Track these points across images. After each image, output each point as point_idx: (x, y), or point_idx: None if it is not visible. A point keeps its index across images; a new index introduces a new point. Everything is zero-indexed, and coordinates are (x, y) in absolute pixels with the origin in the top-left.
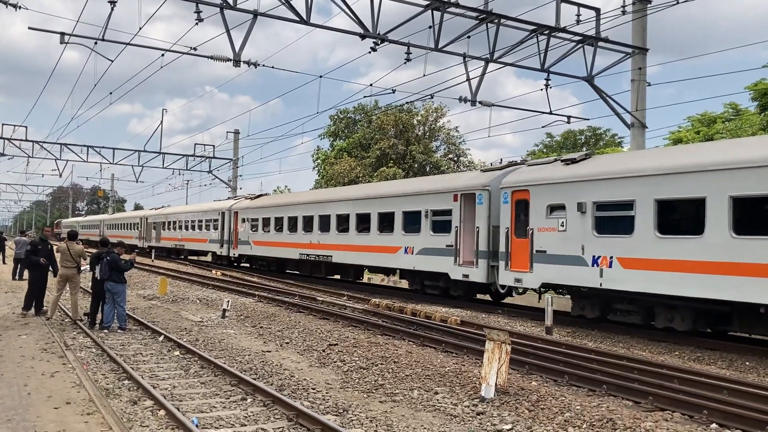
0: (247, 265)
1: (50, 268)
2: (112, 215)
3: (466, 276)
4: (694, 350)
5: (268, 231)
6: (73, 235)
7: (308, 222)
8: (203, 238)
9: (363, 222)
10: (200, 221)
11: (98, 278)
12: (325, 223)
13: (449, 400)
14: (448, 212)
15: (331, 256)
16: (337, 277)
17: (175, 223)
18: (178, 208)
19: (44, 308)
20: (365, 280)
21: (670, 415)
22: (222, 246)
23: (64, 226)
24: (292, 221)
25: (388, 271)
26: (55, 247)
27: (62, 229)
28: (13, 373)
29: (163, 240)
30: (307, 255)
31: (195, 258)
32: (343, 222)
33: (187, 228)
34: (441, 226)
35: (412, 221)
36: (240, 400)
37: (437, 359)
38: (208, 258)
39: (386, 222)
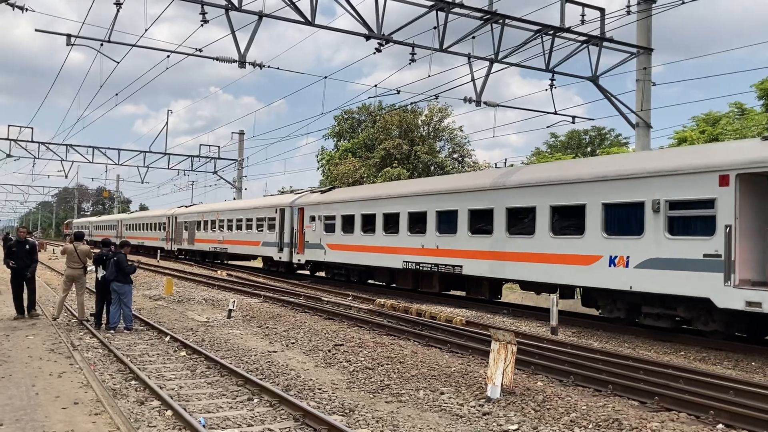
0: (314, 273)
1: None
2: (131, 214)
3: (754, 305)
4: (699, 350)
5: (352, 232)
6: (79, 236)
7: (418, 220)
8: (254, 241)
9: (519, 220)
10: (249, 220)
11: (101, 279)
12: (447, 221)
13: (455, 400)
14: (707, 203)
15: (461, 267)
16: (462, 294)
17: (214, 222)
18: (218, 205)
19: (35, 310)
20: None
21: (676, 415)
22: (281, 250)
23: (75, 226)
24: (391, 219)
25: (565, 290)
26: (60, 248)
27: (74, 230)
28: (21, 373)
29: (198, 242)
30: (417, 264)
31: (241, 264)
32: (480, 220)
33: (230, 228)
34: (688, 224)
35: (623, 217)
36: (246, 400)
37: (443, 359)
38: (257, 264)
39: (569, 218)
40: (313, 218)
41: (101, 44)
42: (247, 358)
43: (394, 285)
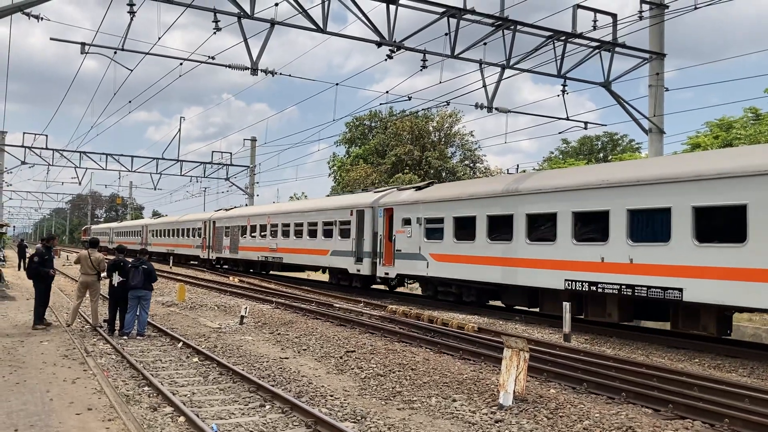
0: (394, 288)
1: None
2: (159, 219)
3: None
4: (714, 357)
5: (471, 238)
6: (94, 243)
7: (591, 222)
8: (319, 249)
9: None
10: (313, 224)
11: (116, 285)
12: (649, 223)
13: (467, 407)
14: None
15: (679, 290)
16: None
17: (264, 227)
18: (270, 207)
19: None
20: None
21: (690, 423)
22: (359, 261)
23: (94, 232)
24: (541, 222)
25: None
26: (75, 256)
27: (92, 236)
28: (36, 379)
29: (243, 250)
30: (592, 283)
31: (298, 276)
32: (714, 221)
33: (286, 234)
34: None
35: None
36: (258, 406)
37: (455, 366)
38: (319, 276)
39: None
40: (407, 221)
41: (115, 52)
42: (259, 364)
43: (536, 309)
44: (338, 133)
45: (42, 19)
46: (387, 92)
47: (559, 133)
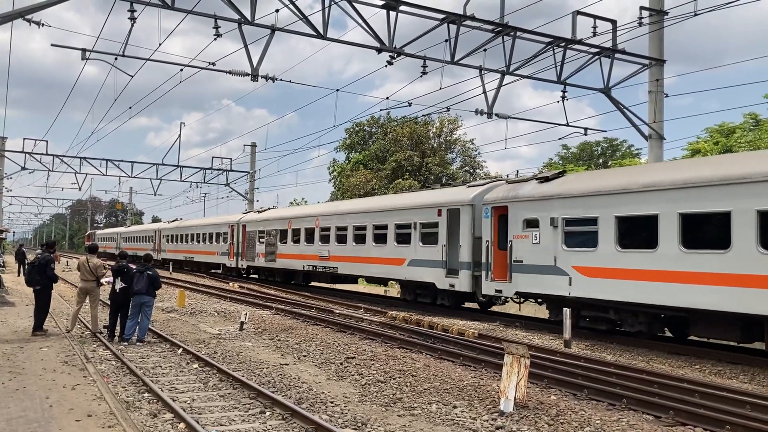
0: (486, 308)
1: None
2: (174, 223)
3: None
4: (715, 364)
5: (650, 245)
6: (92, 249)
7: None
8: (391, 258)
9: None
10: (381, 227)
11: (117, 291)
12: None
13: (468, 414)
14: None
15: None
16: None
17: (311, 231)
18: (319, 208)
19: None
20: None
21: (691, 429)
22: (452, 273)
23: (98, 237)
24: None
25: None
26: (76, 262)
27: (97, 242)
28: (36, 385)
29: (283, 258)
30: None
31: (354, 289)
32: None
33: (342, 239)
34: None
35: None
36: (259, 413)
37: (455, 373)
38: (380, 289)
39: None
40: (532, 223)
41: (115, 58)
42: (259, 370)
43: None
44: (338, 139)
45: (43, 25)
46: (387, 98)
47: (559, 138)
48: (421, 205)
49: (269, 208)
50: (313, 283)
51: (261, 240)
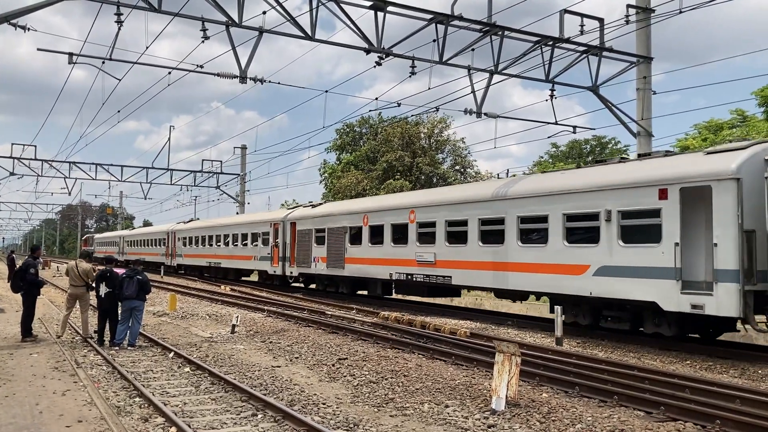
0: None
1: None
2: (191, 224)
3: None
4: (705, 359)
5: None
6: (84, 254)
7: None
8: (568, 263)
9: None
10: (534, 219)
11: (102, 297)
12: None
13: (460, 413)
14: None
15: None
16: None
17: (401, 228)
18: (409, 197)
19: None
20: None
21: (682, 425)
22: (696, 288)
23: (97, 242)
24: None
25: None
26: (64, 268)
27: (95, 247)
28: (25, 391)
29: (355, 264)
30: None
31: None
32: None
33: (458, 238)
34: None
35: None
36: (250, 415)
37: (447, 372)
38: (498, 305)
39: None
40: None
41: (103, 62)
42: (251, 373)
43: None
44: (328, 141)
45: (29, 29)
46: (376, 99)
47: (548, 137)
48: (624, 184)
49: (321, 203)
50: (397, 296)
51: (320, 241)
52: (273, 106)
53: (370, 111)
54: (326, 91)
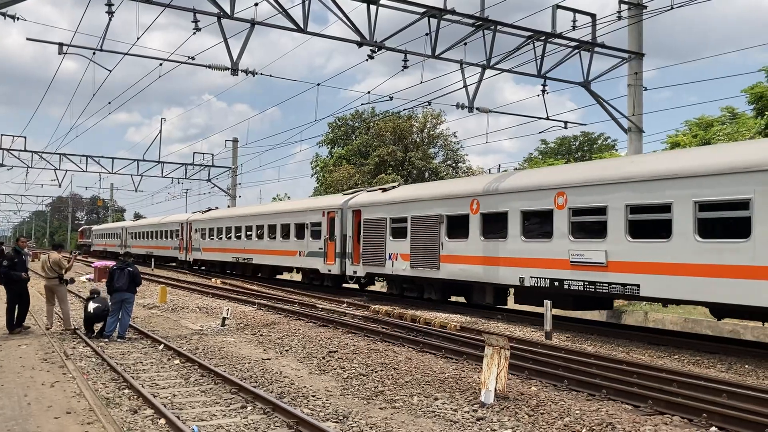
0: None
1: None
2: (212, 213)
3: None
4: (693, 353)
5: None
6: (56, 246)
7: None
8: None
9: None
10: (637, 209)
11: (91, 312)
12: None
13: (449, 405)
14: None
15: None
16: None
17: (543, 216)
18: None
19: (27, 325)
20: None
21: (669, 418)
22: None
23: (96, 234)
24: None
25: None
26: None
27: (93, 239)
28: (13, 383)
29: (457, 263)
30: None
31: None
32: None
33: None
34: None
35: None
36: (240, 408)
37: (437, 365)
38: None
39: None
40: None
41: (93, 53)
42: (241, 365)
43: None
44: (320, 134)
45: (18, 19)
46: (369, 92)
47: (540, 132)
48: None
49: (395, 186)
50: (516, 306)
51: (398, 233)
52: (265, 99)
53: (362, 104)
54: (318, 85)
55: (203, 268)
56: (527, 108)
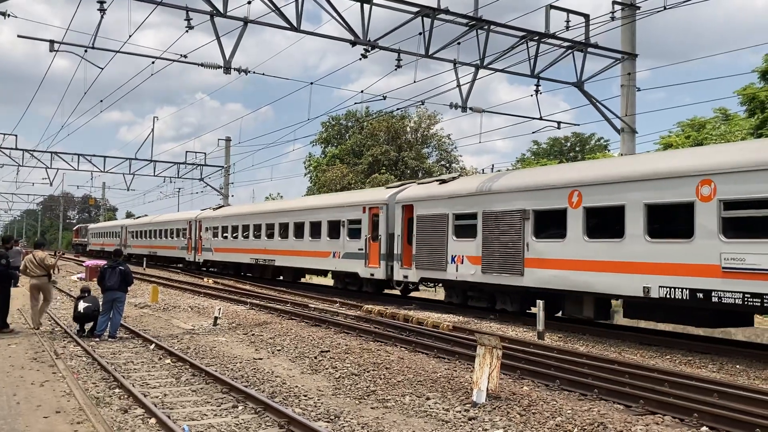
0: None
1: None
2: (227, 211)
3: None
4: (685, 354)
5: None
6: (38, 245)
7: None
8: None
9: None
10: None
11: (81, 311)
12: None
13: (441, 405)
14: None
15: None
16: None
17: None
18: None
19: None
20: None
21: (661, 418)
22: None
23: (92, 233)
24: None
25: None
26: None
27: (89, 238)
28: (2, 382)
29: (534, 268)
30: None
31: None
32: None
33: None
34: None
35: None
36: (231, 407)
37: (429, 365)
38: None
39: None
40: None
41: (85, 50)
42: (233, 365)
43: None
44: (314, 133)
45: (9, 15)
46: (362, 92)
47: (533, 132)
48: None
49: (455, 177)
50: (628, 321)
51: (464, 231)
52: (258, 98)
53: (355, 104)
54: (311, 83)
55: (213, 269)
56: (521, 108)
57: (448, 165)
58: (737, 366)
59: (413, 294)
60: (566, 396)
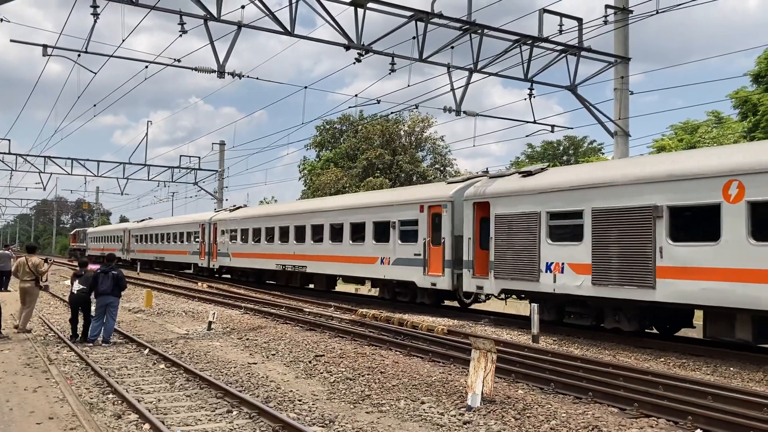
0: None
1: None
2: (247, 212)
3: None
4: (679, 356)
5: None
6: (31, 249)
7: None
8: None
9: None
10: None
11: (74, 293)
12: None
13: (436, 409)
14: None
15: None
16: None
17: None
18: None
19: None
20: None
21: (655, 421)
22: None
23: (91, 237)
24: None
25: None
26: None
27: (88, 243)
28: None
29: (672, 279)
30: None
31: None
32: None
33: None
34: None
35: None
36: (225, 412)
37: (424, 369)
38: None
39: None
40: None
41: (78, 55)
42: (227, 370)
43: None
44: (308, 137)
45: (2, 20)
46: (356, 96)
47: (527, 136)
48: None
49: (544, 167)
50: None
51: (560, 234)
52: (252, 102)
53: (349, 107)
54: (305, 87)
55: (229, 276)
56: (515, 112)
57: (442, 168)
58: (731, 368)
59: (474, 306)
60: (561, 399)
